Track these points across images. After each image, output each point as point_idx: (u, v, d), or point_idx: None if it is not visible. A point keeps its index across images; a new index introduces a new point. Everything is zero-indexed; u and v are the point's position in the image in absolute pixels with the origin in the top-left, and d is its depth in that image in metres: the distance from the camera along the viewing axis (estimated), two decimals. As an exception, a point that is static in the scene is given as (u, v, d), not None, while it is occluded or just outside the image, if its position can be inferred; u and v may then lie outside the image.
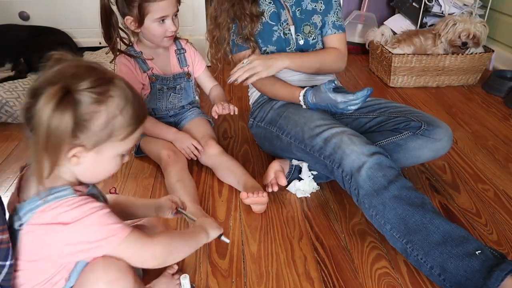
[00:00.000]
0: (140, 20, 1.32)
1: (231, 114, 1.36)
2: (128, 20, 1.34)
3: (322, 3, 1.38)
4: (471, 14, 2.24)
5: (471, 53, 2.13)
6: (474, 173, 1.47)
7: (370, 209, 1.06)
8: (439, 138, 1.22)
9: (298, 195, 1.34)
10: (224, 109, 1.35)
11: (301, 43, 1.38)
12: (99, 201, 0.72)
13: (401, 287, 1.02)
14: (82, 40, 2.45)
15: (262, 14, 1.34)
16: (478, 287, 0.89)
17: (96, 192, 0.78)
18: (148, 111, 1.44)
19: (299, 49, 1.38)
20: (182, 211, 0.97)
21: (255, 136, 1.51)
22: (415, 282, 1.03)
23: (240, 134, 1.73)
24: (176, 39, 1.49)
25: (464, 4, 2.31)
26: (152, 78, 1.45)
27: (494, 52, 2.22)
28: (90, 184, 0.75)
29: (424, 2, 2.29)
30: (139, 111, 0.71)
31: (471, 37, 2.04)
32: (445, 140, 1.23)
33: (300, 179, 1.35)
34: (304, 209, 1.29)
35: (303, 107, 1.27)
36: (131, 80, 1.23)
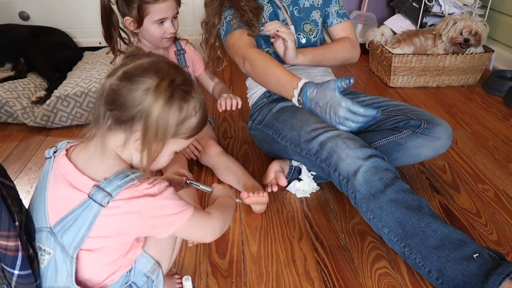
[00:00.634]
0: (139, 21, 1.32)
1: (234, 109, 1.29)
2: (127, 20, 1.33)
3: None
4: (471, 14, 2.24)
5: (471, 53, 2.13)
6: (474, 173, 1.47)
7: (368, 212, 1.06)
8: (438, 136, 1.22)
9: (298, 196, 1.34)
10: (227, 105, 1.28)
11: (303, 41, 1.37)
12: None
13: (401, 287, 1.02)
14: (82, 40, 2.45)
15: (262, 8, 1.32)
16: None
17: None
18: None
19: (302, 48, 1.36)
20: (194, 182, 0.95)
21: (254, 138, 1.51)
22: (415, 282, 1.03)
23: (240, 134, 1.73)
24: (176, 39, 1.49)
25: (464, 4, 2.31)
26: None
27: (494, 52, 2.22)
28: None
29: (424, 2, 2.29)
30: (205, 117, 0.75)
31: (473, 33, 2.04)
32: (444, 138, 1.23)
33: (300, 179, 1.35)
34: (304, 209, 1.29)
35: (295, 104, 1.10)
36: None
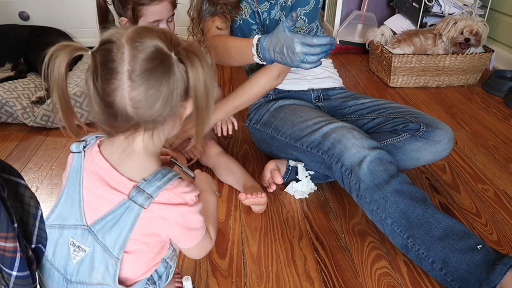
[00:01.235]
0: (134, 22, 1.32)
1: (231, 133, 1.41)
2: (123, 21, 1.34)
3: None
4: (471, 14, 2.24)
5: (471, 53, 2.13)
6: (474, 173, 1.47)
7: (371, 203, 1.05)
8: (438, 140, 1.20)
9: (296, 197, 1.33)
10: (224, 130, 1.40)
11: None
12: None
13: (401, 287, 1.02)
14: (82, 40, 2.45)
15: (240, 2, 1.32)
16: (480, 281, 0.90)
17: None
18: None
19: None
20: (177, 162, 0.89)
21: (252, 137, 1.51)
22: (415, 282, 1.03)
23: (240, 134, 1.73)
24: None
25: (464, 4, 2.31)
26: None
27: (494, 52, 2.22)
28: None
29: (424, 2, 2.28)
30: None
31: (473, 33, 2.04)
32: (445, 142, 1.21)
33: (298, 180, 1.35)
34: (304, 209, 1.29)
35: (258, 62, 1.12)
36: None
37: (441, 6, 2.32)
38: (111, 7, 1.34)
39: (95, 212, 0.67)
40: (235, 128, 1.41)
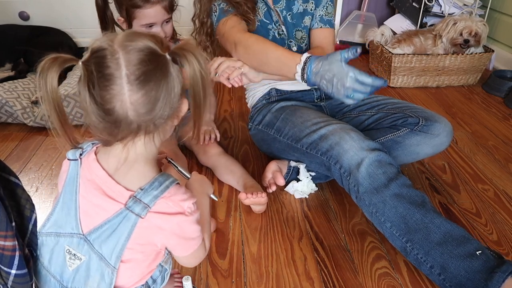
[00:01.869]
0: (128, 23, 1.33)
1: (213, 142, 1.46)
2: (120, 20, 1.35)
3: (313, 3, 1.36)
4: (471, 14, 2.24)
5: (471, 53, 2.13)
6: (474, 173, 1.47)
7: (370, 206, 1.05)
8: (437, 134, 1.21)
9: (297, 196, 1.33)
10: (206, 139, 1.45)
11: (294, 49, 1.36)
12: None
13: (401, 287, 1.02)
14: (82, 40, 2.45)
15: (256, 3, 1.31)
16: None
17: None
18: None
19: None
20: (172, 162, 0.87)
21: (254, 138, 1.51)
22: (415, 282, 1.03)
23: (240, 134, 1.73)
24: (177, 40, 1.49)
25: (464, 4, 2.31)
26: None
27: (494, 52, 2.22)
28: None
29: (424, 2, 2.28)
30: None
31: (473, 34, 2.04)
32: (443, 135, 1.22)
33: (299, 180, 1.35)
34: (304, 209, 1.29)
35: (299, 81, 1.08)
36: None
37: (441, 6, 2.32)
38: (112, 5, 1.35)
39: (91, 221, 0.67)
40: (217, 140, 1.47)
